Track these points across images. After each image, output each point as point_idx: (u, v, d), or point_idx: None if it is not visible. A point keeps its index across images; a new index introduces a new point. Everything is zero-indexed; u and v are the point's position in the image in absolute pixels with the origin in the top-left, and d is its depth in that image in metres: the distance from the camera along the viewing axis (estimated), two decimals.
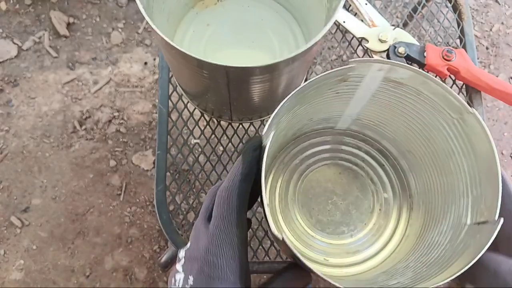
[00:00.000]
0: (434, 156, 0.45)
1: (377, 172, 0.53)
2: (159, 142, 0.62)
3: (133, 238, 1.13)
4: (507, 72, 1.35)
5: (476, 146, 0.38)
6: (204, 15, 0.60)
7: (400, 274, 0.41)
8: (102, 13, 1.31)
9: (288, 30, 0.59)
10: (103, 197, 1.16)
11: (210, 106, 0.59)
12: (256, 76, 0.42)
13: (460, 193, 0.41)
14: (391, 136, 0.50)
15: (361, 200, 0.51)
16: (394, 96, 0.42)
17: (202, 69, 0.40)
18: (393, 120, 0.47)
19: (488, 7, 1.41)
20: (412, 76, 0.38)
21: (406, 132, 0.47)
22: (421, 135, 0.45)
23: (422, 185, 0.49)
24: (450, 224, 0.41)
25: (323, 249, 0.49)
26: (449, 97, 0.37)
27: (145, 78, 1.25)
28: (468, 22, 0.70)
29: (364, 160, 0.53)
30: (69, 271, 1.11)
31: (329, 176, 0.52)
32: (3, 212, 1.14)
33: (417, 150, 0.47)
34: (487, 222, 0.34)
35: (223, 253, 0.30)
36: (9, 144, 1.18)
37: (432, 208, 0.46)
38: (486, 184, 0.36)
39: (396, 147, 0.51)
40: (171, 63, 0.48)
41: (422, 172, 0.48)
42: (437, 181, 0.45)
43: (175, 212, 0.62)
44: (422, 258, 0.41)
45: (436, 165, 0.45)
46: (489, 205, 0.35)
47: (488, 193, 0.36)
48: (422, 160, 0.47)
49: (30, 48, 1.27)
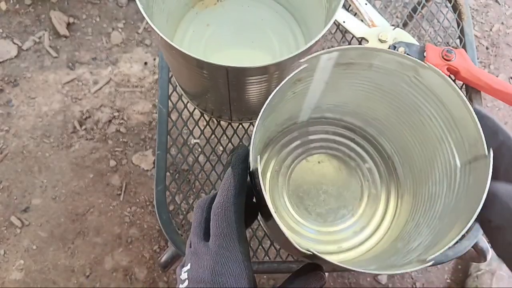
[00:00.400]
0: (400, 115, 0.45)
1: (351, 147, 0.54)
2: (159, 142, 0.62)
3: (133, 238, 1.13)
4: (507, 72, 1.35)
5: (440, 95, 0.38)
6: (204, 15, 0.60)
7: (416, 234, 0.41)
8: (102, 13, 1.31)
9: (288, 30, 0.59)
10: (103, 197, 1.16)
11: (210, 106, 0.59)
12: (256, 76, 0.42)
13: (439, 140, 0.41)
14: (352, 111, 0.51)
15: (348, 179, 0.52)
16: (348, 76, 0.43)
17: (202, 69, 0.41)
18: (352, 97, 0.48)
19: (488, 7, 1.41)
20: (362, 54, 0.38)
21: (367, 103, 0.47)
22: (383, 101, 0.45)
23: (398, 145, 0.50)
24: (441, 171, 0.42)
25: (334, 238, 0.50)
26: (401, 60, 0.38)
27: (145, 78, 1.25)
28: (468, 22, 0.70)
29: (336, 141, 0.54)
30: (69, 271, 1.11)
31: (310, 169, 0.53)
32: (3, 212, 1.14)
33: (382, 115, 0.48)
34: (478, 159, 0.35)
35: (231, 271, 0.29)
36: (9, 144, 1.18)
37: (416, 162, 0.47)
38: (462, 125, 0.37)
39: (359, 119, 0.52)
40: (171, 63, 0.48)
41: (394, 133, 0.49)
42: (411, 136, 0.46)
43: (175, 212, 0.62)
44: (428, 213, 0.42)
45: (404, 122, 0.46)
46: (473, 142, 0.36)
47: (467, 132, 0.36)
48: (389, 122, 0.48)
49: (30, 48, 1.27)
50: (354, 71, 0.42)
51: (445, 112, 0.39)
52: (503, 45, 1.37)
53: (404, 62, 0.38)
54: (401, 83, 0.41)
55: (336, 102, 0.49)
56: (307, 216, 0.51)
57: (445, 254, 0.60)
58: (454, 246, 0.61)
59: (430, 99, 0.40)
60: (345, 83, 0.44)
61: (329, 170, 0.52)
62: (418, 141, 0.45)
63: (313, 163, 0.53)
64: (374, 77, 0.42)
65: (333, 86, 0.45)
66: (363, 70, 0.41)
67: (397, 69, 0.39)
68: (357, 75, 0.42)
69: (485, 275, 1.01)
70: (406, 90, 0.41)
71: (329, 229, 0.50)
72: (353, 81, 0.44)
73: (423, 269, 1.13)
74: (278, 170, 0.52)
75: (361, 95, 0.46)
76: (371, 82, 0.43)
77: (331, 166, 0.53)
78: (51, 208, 1.14)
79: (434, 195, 0.42)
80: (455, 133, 0.38)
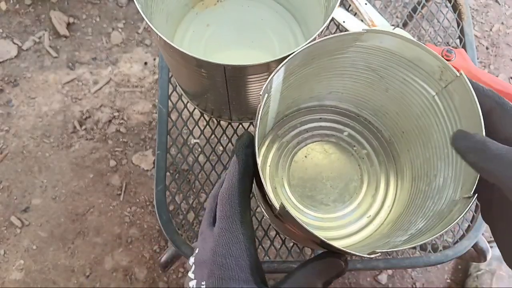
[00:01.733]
0: (392, 95, 0.46)
1: (349, 134, 0.54)
2: (159, 142, 0.62)
3: (133, 238, 1.13)
4: (507, 72, 1.35)
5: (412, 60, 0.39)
6: (204, 15, 0.60)
7: (416, 218, 0.42)
8: (102, 13, 1.31)
9: (288, 30, 0.59)
10: (103, 197, 1.16)
11: (210, 105, 0.59)
12: (254, 74, 0.42)
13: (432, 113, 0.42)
14: (347, 96, 0.52)
15: (347, 166, 0.53)
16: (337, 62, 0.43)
17: (201, 68, 0.41)
18: (344, 82, 0.48)
19: (488, 7, 1.41)
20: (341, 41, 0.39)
21: (358, 87, 0.48)
22: (372, 82, 0.46)
23: (394, 127, 0.51)
24: (436, 145, 0.42)
25: (335, 225, 0.50)
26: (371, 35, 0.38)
27: (145, 78, 1.25)
28: (468, 22, 0.70)
29: (333, 128, 0.55)
30: (69, 271, 1.11)
31: (309, 157, 0.53)
32: (3, 212, 1.14)
33: (375, 98, 0.49)
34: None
35: (231, 252, 0.30)
36: (9, 144, 1.19)
37: (411, 140, 0.48)
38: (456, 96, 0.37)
39: (354, 104, 0.53)
40: (170, 63, 0.48)
41: (388, 115, 0.50)
42: (404, 116, 0.47)
43: (175, 212, 0.62)
44: (428, 193, 0.43)
45: (396, 101, 0.46)
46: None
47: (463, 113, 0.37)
48: (382, 104, 0.49)
49: (30, 48, 1.27)
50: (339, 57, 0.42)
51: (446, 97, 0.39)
52: (503, 45, 1.37)
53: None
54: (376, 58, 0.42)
55: (330, 89, 0.50)
56: (309, 203, 0.51)
57: (445, 254, 0.60)
58: (454, 246, 0.61)
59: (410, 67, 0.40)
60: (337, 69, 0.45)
61: (328, 158, 0.53)
62: (410, 117, 0.46)
63: (312, 151, 0.53)
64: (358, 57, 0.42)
65: (326, 74, 0.45)
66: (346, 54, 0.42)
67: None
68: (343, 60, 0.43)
69: (485, 275, 1.01)
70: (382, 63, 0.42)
71: (330, 216, 0.51)
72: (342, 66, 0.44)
73: (423, 269, 1.13)
74: (277, 159, 0.53)
75: (351, 79, 0.47)
76: (356, 64, 0.44)
77: (329, 153, 0.53)
78: (51, 208, 1.15)
79: (434, 169, 0.43)
80: (447, 102, 0.39)
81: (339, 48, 0.40)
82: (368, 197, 0.52)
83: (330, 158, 0.53)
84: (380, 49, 0.40)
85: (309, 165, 0.53)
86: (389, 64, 0.41)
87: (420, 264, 0.60)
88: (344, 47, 0.40)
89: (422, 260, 0.60)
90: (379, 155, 0.53)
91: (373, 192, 0.52)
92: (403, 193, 0.50)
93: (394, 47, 0.39)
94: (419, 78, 0.40)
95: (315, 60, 0.41)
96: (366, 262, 0.60)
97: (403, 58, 0.39)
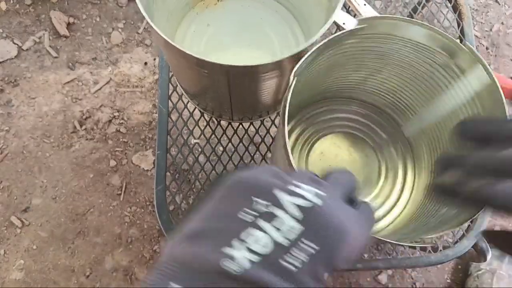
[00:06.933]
0: (415, 87, 0.46)
1: (368, 125, 0.56)
2: (159, 142, 0.62)
3: (133, 238, 1.13)
4: (507, 72, 1.35)
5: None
6: (205, 15, 0.60)
7: (434, 211, 0.43)
8: (102, 13, 1.31)
9: (288, 30, 0.59)
10: (103, 197, 1.16)
11: (210, 105, 0.59)
12: (256, 75, 0.42)
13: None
14: (367, 87, 0.52)
15: (366, 156, 0.54)
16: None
17: (202, 68, 0.41)
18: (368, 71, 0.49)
19: (488, 7, 1.41)
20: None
21: (382, 77, 0.49)
22: (395, 71, 0.47)
23: (414, 120, 0.52)
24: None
25: None
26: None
27: (145, 78, 1.25)
28: (468, 22, 0.70)
29: (353, 120, 0.56)
30: (69, 271, 1.11)
31: (329, 147, 0.54)
32: (3, 212, 1.14)
33: (396, 87, 0.50)
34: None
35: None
36: (9, 144, 1.18)
37: (431, 133, 0.48)
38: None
39: (373, 95, 0.53)
40: (171, 62, 0.48)
41: (409, 106, 0.51)
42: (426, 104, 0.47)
43: (175, 212, 0.62)
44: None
45: (418, 92, 0.47)
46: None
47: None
48: (404, 94, 0.50)
49: (30, 48, 1.27)
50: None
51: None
52: (503, 45, 1.37)
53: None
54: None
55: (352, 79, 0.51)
56: None
57: (445, 254, 0.60)
58: (454, 246, 0.61)
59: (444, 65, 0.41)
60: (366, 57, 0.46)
61: (348, 148, 0.54)
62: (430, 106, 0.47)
63: (332, 141, 0.54)
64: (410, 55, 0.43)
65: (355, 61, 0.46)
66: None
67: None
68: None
69: (486, 274, 1.01)
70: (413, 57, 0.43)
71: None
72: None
73: (423, 269, 1.13)
74: (299, 147, 0.54)
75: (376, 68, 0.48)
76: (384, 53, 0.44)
77: (349, 144, 0.54)
78: (51, 208, 1.14)
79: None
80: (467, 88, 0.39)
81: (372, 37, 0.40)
82: (386, 188, 0.52)
83: (350, 149, 0.54)
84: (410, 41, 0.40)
85: (328, 154, 0.53)
86: (418, 55, 0.42)
87: (420, 264, 0.60)
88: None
89: (422, 260, 0.60)
90: (398, 147, 0.54)
91: (392, 183, 0.52)
92: (422, 183, 0.51)
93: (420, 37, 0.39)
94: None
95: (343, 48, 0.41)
96: (366, 262, 0.60)
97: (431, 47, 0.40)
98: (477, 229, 0.61)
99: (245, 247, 0.22)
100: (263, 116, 0.62)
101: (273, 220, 0.23)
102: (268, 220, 0.23)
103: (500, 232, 0.32)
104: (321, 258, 0.23)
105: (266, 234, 0.22)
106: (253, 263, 0.22)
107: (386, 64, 0.46)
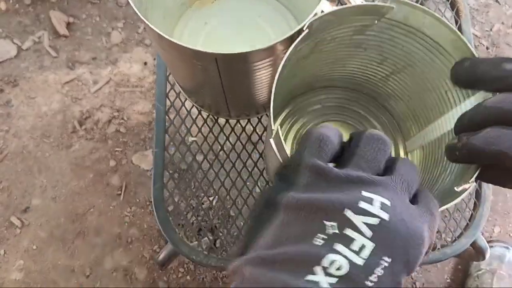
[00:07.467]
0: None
1: (353, 110, 0.57)
2: (157, 140, 0.62)
3: (133, 238, 1.13)
4: None
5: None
6: (201, 13, 0.60)
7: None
8: (102, 13, 1.31)
9: (286, 26, 0.59)
10: (103, 197, 1.16)
11: (207, 101, 0.60)
12: (248, 64, 0.42)
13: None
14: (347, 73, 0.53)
15: None
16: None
17: (194, 59, 0.41)
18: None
19: (488, 7, 1.40)
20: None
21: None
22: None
23: (401, 100, 0.52)
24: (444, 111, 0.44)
25: None
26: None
27: (145, 78, 1.25)
28: (466, 20, 0.69)
29: (343, 107, 0.57)
30: (69, 271, 1.11)
31: None
32: (3, 212, 1.14)
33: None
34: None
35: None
36: (9, 144, 1.19)
37: (420, 111, 0.49)
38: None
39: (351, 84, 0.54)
40: (166, 58, 0.49)
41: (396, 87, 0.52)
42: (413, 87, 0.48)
43: (173, 210, 0.62)
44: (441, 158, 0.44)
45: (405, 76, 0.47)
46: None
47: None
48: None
49: (29, 48, 1.27)
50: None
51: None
52: (503, 45, 1.36)
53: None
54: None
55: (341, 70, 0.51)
56: None
57: (443, 252, 0.60)
58: (452, 244, 0.61)
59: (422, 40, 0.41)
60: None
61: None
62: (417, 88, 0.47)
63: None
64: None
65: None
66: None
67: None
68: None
69: (486, 274, 1.01)
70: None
71: None
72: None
73: (422, 269, 1.13)
74: (292, 137, 0.55)
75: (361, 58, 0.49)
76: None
77: (343, 132, 0.55)
78: (51, 208, 1.15)
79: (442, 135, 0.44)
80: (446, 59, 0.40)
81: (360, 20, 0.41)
82: None
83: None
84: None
85: None
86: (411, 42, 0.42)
87: None
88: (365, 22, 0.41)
89: None
90: (386, 129, 0.54)
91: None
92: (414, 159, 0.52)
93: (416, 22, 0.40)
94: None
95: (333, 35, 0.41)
96: None
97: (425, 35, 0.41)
98: (475, 228, 0.61)
99: (327, 272, 0.23)
100: (260, 112, 0.62)
101: (349, 243, 0.24)
102: (345, 244, 0.24)
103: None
104: (394, 268, 0.24)
105: (344, 258, 0.24)
106: (332, 284, 0.23)
107: (383, 52, 0.46)
